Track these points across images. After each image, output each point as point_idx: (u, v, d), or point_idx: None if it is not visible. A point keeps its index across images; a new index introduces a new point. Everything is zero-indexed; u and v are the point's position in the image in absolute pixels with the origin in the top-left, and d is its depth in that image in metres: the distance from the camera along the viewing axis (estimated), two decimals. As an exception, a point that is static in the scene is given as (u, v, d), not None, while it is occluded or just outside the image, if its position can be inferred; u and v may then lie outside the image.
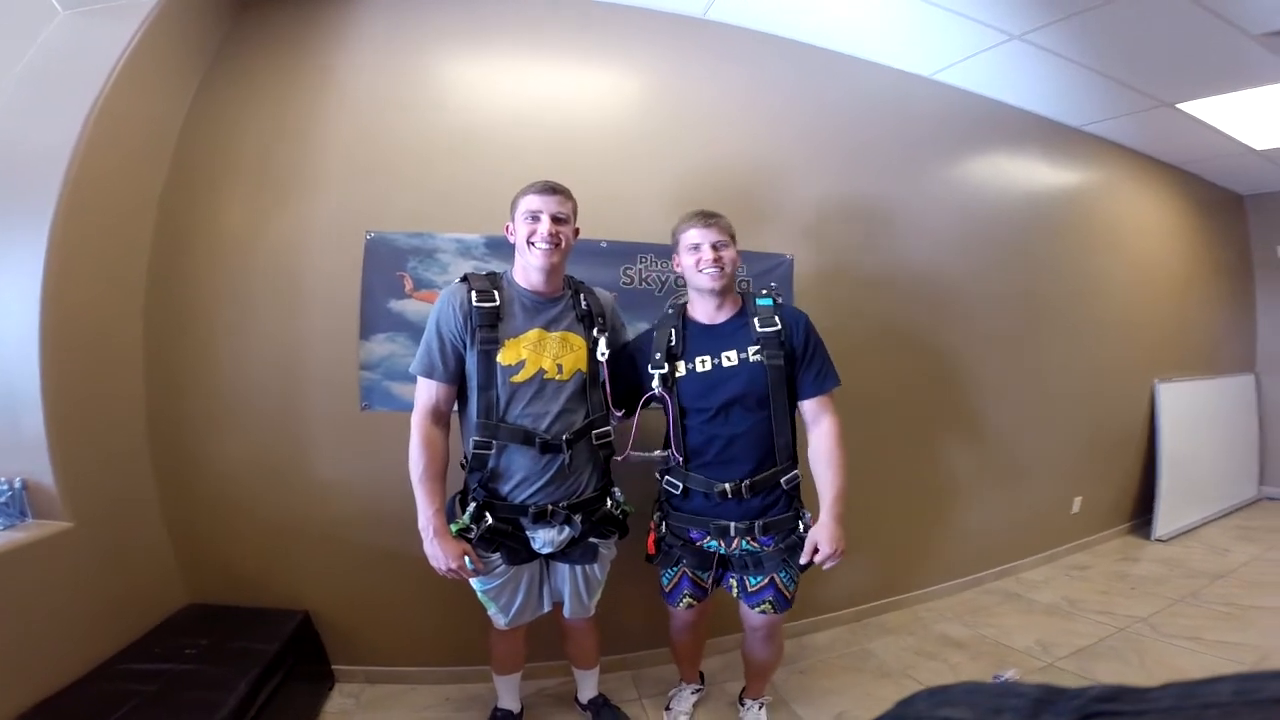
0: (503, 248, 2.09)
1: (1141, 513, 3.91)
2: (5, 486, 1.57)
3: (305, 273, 2.02)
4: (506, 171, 2.10)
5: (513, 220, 1.59)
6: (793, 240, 2.49)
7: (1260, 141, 3.51)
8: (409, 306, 2.03)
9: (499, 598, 1.64)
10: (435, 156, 2.10)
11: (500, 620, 1.68)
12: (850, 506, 1.62)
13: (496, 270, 1.65)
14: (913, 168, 2.83)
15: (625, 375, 1.67)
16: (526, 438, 1.52)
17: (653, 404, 1.65)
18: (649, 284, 2.26)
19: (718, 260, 1.58)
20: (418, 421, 1.53)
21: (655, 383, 1.61)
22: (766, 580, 1.65)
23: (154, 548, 1.93)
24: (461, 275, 1.59)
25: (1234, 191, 4.55)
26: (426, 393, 1.54)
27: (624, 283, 2.22)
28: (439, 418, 1.55)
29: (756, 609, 1.68)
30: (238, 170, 2.02)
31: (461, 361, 1.53)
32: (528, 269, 1.57)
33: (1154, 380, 3.83)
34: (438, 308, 1.54)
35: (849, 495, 1.59)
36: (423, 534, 1.50)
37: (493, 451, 1.53)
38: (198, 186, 2.00)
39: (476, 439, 1.51)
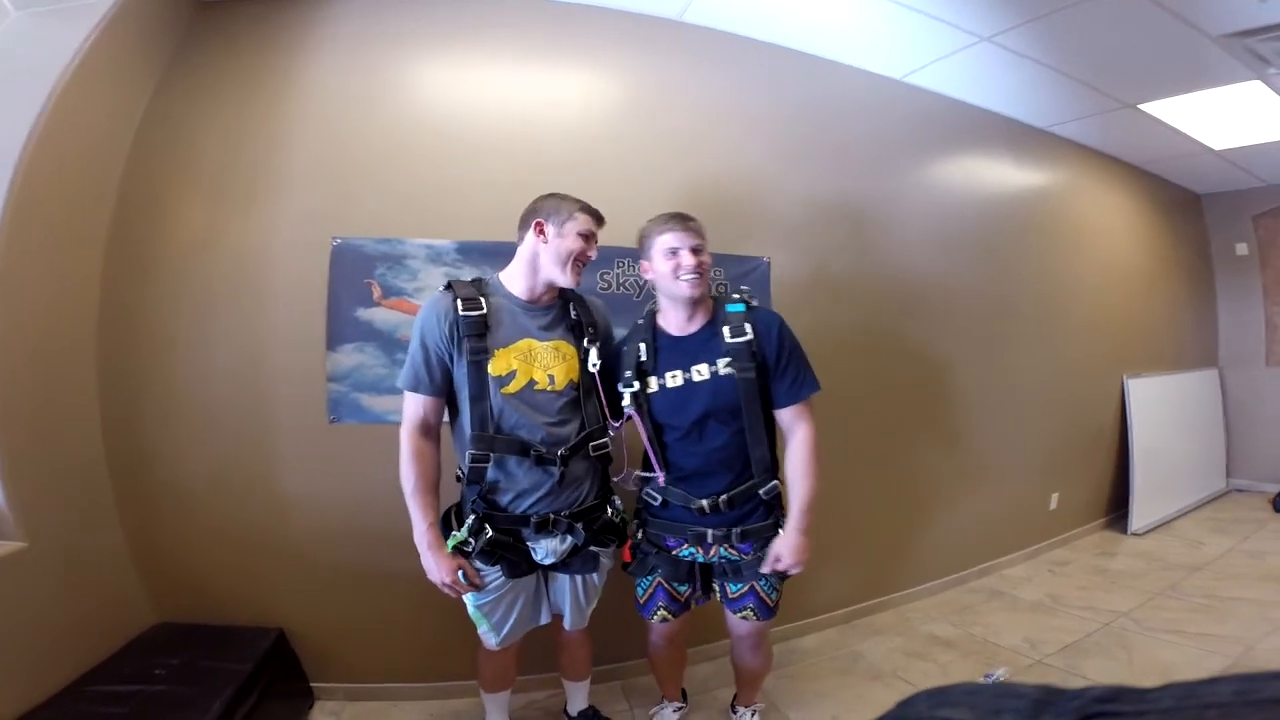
0: (474, 253, 2.03)
1: (1117, 507, 3.98)
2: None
3: (268, 281, 1.94)
4: (478, 175, 2.07)
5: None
6: (769, 243, 2.48)
7: (1218, 142, 3.62)
8: (377, 315, 1.95)
9: (492, 614, 1.57)
10: (404, 160, 2.04)
11: (491, 640, 1.61)
12: (832, 508, 1.61)
13: (481, 276, 1.60)
14: (886, 170, 2.85)
15: (608, 389, 1.62)
16: (523, 449, 1.49)
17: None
18: (626, 289, 2.22)
19: (699, 265, 1.52)
20: (407, 435, 1.49)
21: (626, 400, 1.57)
22: (746, 588, 1.61)
23: (116, 566, 1.85)
24: (445, 283, 1.52)
25: (1192, 191, 4.69)
26: (415, 406, 1.49)
27: (601, 288, 2.17)
28: (428, 431, 1.51)
29: (738, 614, 1.64)
30: (197, 173, 1.94)
31: (449, 374, 1.49)
32: (538, 280, 1.55)
33: (1123, 375, 3.90)
34: (421, 318, 1.49)
35: (825, 500, 1.57)
36: (418, 547, 1.46)
37: (490, 464, 1.49)
38: (155, 190, 1.92)
39: (473, 452, 1.47)
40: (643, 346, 1.58)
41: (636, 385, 1.56)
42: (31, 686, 1.52)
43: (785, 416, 1.58)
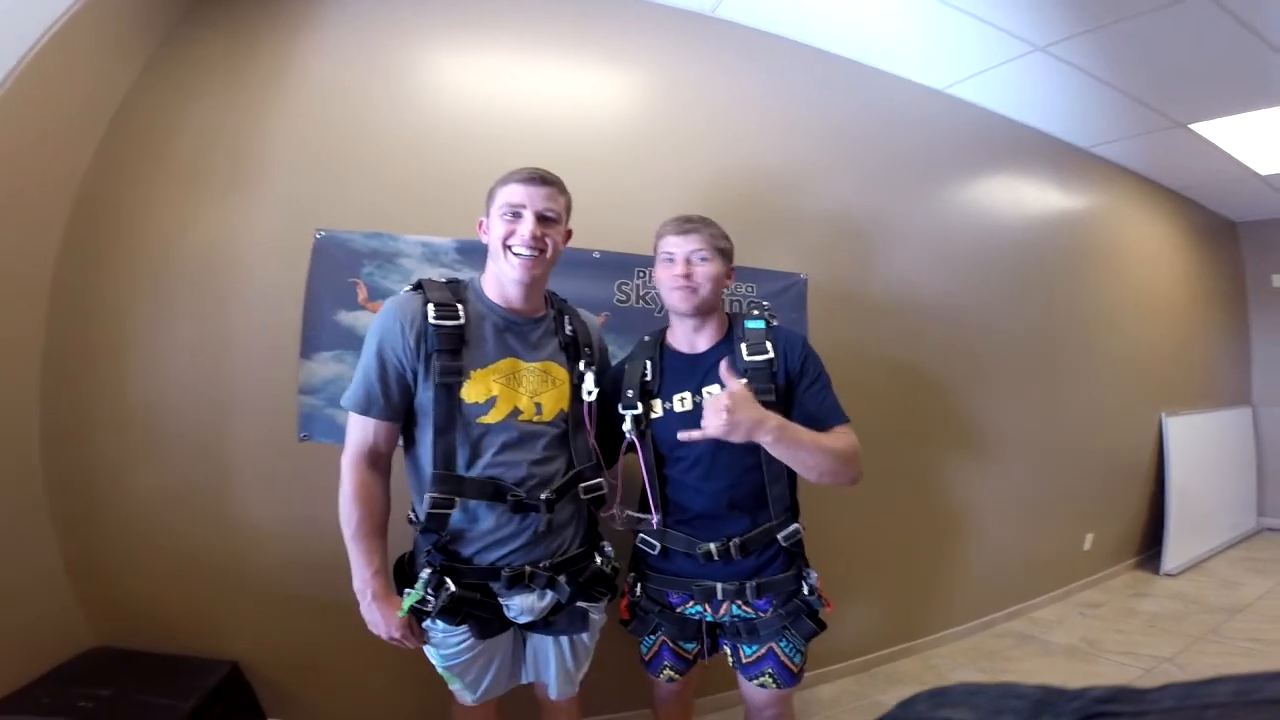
0: (478, 254, 1.82)
1: (1148, 547, 3.80)
2: None
3: (240, 277, 1.72)
4: (486, 168, 1.82)
5: (487, 215, 1.29)
6: (807, 259, 2.30)
7: (1265, 166, 3.45)
8: (361, 319, 1.73)
9: (465, 674, 1.32)
10: (403, 149, 1.84)
11: (466, 698, 1.36)
12: (852, 545, 1.41)
13: (460, 278, 1.35)
14: (928, 187, 2.71)
15: (606, 415, 1.40)
16: (497, 493, 1.22)
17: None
18: (648, 302, 2.01)
19: (688, 275, 1.32)
20: (350, 466, 1.22)
21: (627, 425, 1.35)
22: (764, 649, 1.37)
23: (47, 581, 1.62)
24: (414, 282, 1.27)
25: (1227, 218, 4.52)
26: (362, 432, 1.22)
27: (619, 300, 1.97)
28: (377, 461, 1.25)
29: (754, 682, 1.40)
30: (174, 158, 1.73)
31: (409, 395, 1.22)
32: (502, 280, 1.27)
33: (1161, 413, 3.72)
34: (380, 324, 1.21)
35: (844, 536, 1.42)
36: (359, 598, 1.22)
37: (454, 511, 1.22)
38: (125, 176, 1.71)
39: (434, 495, 1.19)
40: (648, 365, 1.39)
41: (639, 408, 1.35)
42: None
43: None
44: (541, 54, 2.03)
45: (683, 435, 1.20)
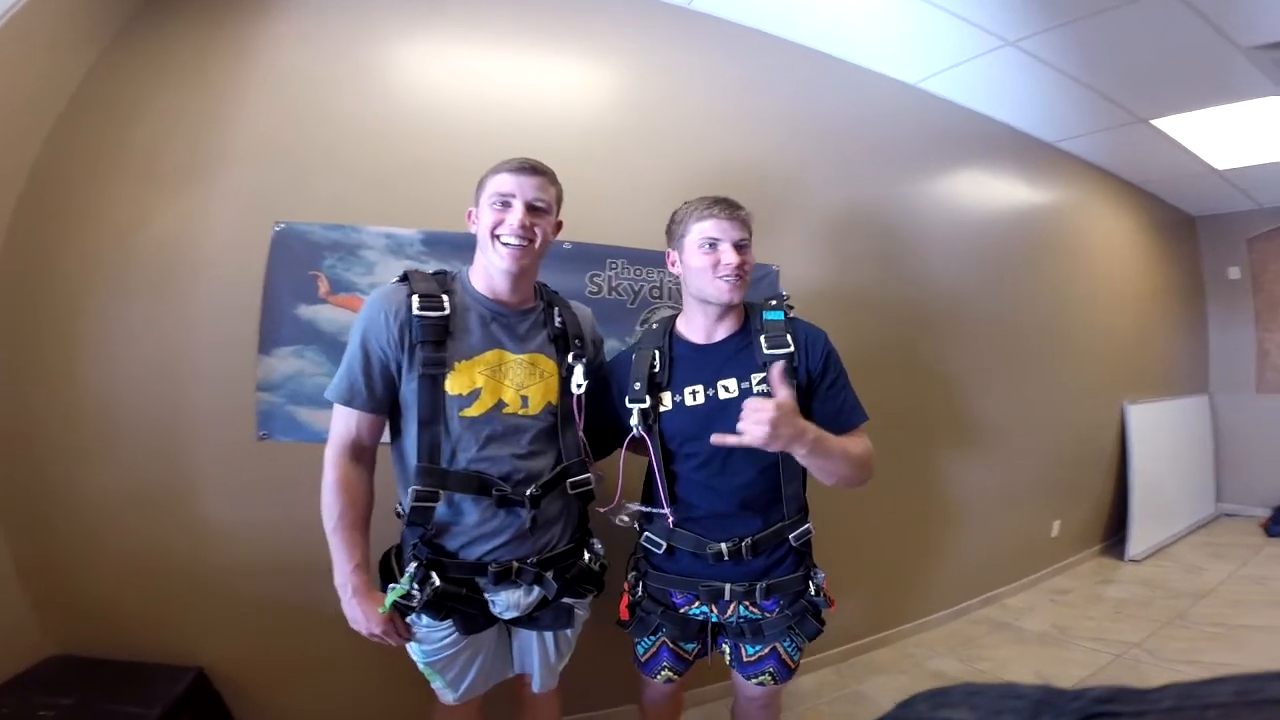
0: (444, 245, 1.76)
1: (1112, 533, 3.90)
2: None
3: (196, 272, 1.64)
4: (452, 159, 1.81)
5: (476, 205, 1.27)
6: (777, 250, 2.27)
7: (1222, 161, 3.55)
8: (322, 313, 1.66)
9: (447, 670, 1.30)
10: (368, 140, 1.77)
11: (448, 696, 1.33)
12: (828, 537, 1.40)
13: (449, 269, 1.33)
14: (898, 181, 2.72)
15: (599, 409, 1.36)
16: (482, 487, 1.20)
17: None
18: (620, 293, 1.97)
19: (742, 265, 1.25)
20: (333, 458, 1.21)
21: (634, 419, 1.29)
22: (768, 649, 1.35)
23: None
24: (401, 274, 1.25)
25: (1187, 213, 4.65)
26: (346, 424, 1.21)
27: (591, 291, 1.93)
28: (360, 454, 1.23)
29: (754, 680, 1.38)
30: (129, 151, 1.64)
31: (393, 387, 1.21)
32: (490, 271, 1.25)
33: (1123, 401, 3.81)
34: (365, 315, 1.20)
35: (820, 528, 1.35)
36: (340, 593, 1.20)
37: (438, 504, 1.21)
38: (76, 169, 1.61)
39: (418, 489, 1.18)
40: (657, 355, 1.32)
41: (647, 401, 1.29)
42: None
43: None
44: (512, 44, 1.97)
45: (715, 439, 1.13)
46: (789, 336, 1.28)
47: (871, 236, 2.58)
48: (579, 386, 1.29)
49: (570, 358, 1.30)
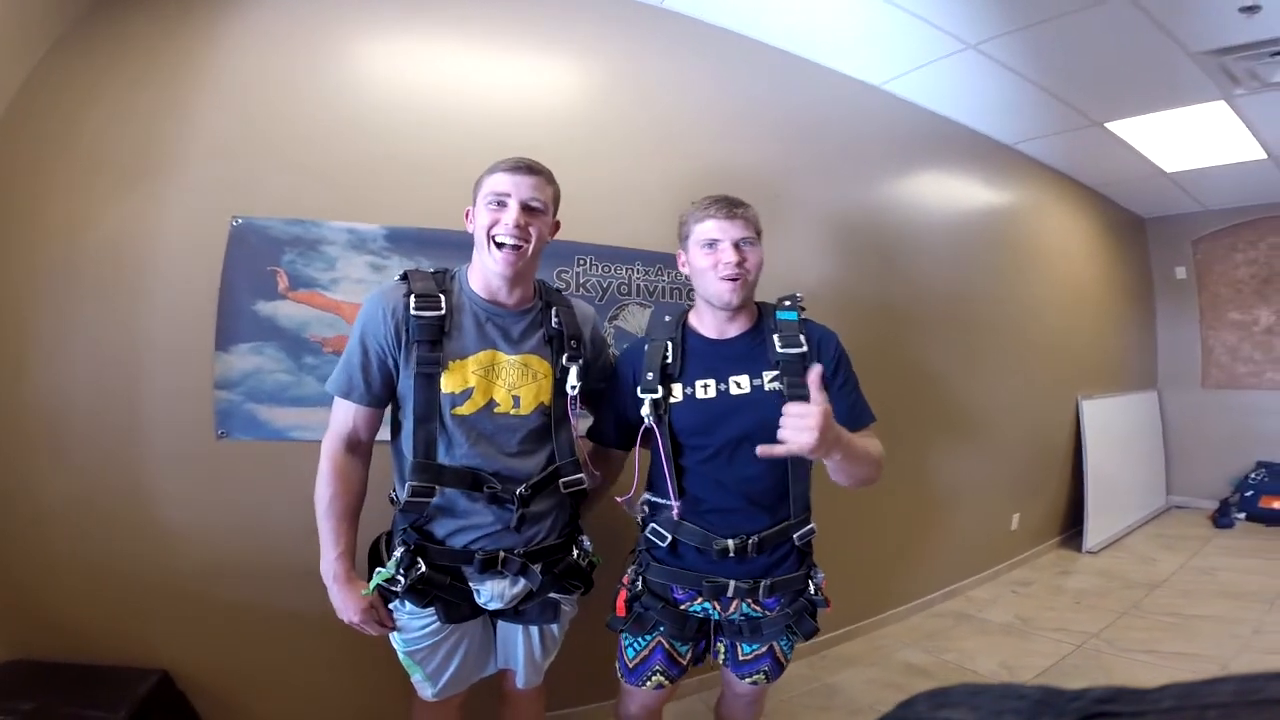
0: (408, 241, 1.73)
1: (1070, 525, 4.02)
2: None
3: (147, 267, 1.58)
4: (415, 154, 1.79)
5: (474, 204, 1.27)
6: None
7: (1171, 164, 3.70)
8: (282, 309, 1.61)
9: (427, 661, 1.29)
10: (328, 133, 1.72)
11: (426, 690, 1.32)
12: None
13: (449, 268, 1.32)
14: (862, 180, 2.78)
15: (620, 401, 1.36)
16: (474, 483, 1.23)
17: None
18: (588, 290, 1.97)
19: (741, 264, 1.25)
20: (328, 448, 1.24)
21: (645, 409, 1.29)
22: (764, 648, 1.35)
23: None
24: (401, 272, 1.27)
25: (1137, 214, 4.85)
26: (343, 416, 1.25)
27: (558, 288, 1.90)
28: (356, 446, 1.26)
29: (748, 679, 1.38)
30: (77, 150, 1.58)
31: (391, 383, 1.24)
32: (486, 273, 1.26)
33: (1078, 396, 3.95)
34: (365, 313, 1.23)
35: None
36: (324, 579, 1.23)
37: (434, 499, 1.23)
38: (20, 169, 1.54)
39: (414, 484, 1.21)
40: (669, 346, 1.32)
41: (659, 391, 1.28)
42: None
43: None
44: (475, 40, 1.95)
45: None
46: (802, 337, 1.30)
47: (837, 235, 2.63)
48: (573, 388, 1.29)
49: (565, 359, 1.30)
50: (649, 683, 1.37)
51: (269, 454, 1.62)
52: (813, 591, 1.34)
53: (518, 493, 1.23)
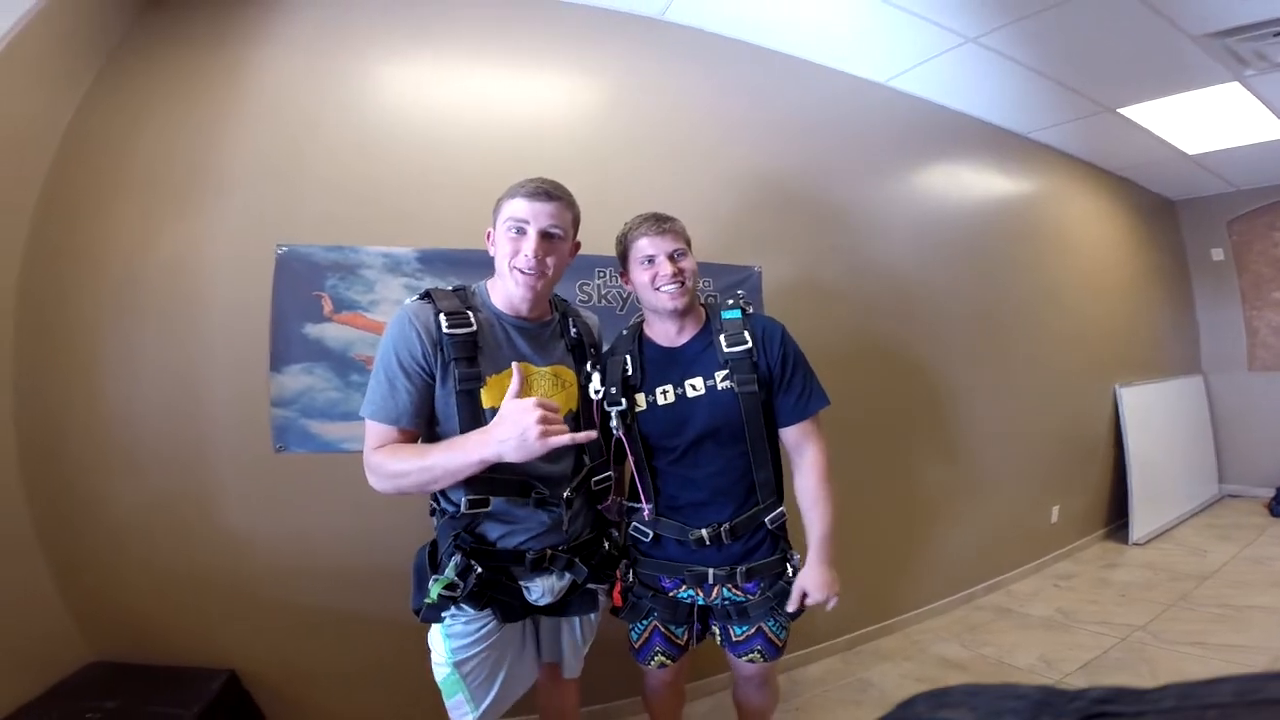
0: (440, 262, 1.86)
1: (1116, 517, 3.92)
2: None
3: (205, 293, 1.74)
4: (443, 177, 1.92)
5: (494, 227, 1.29)
6: (759, 251, 2.37)
7: (1192, 146, 3.64)
8: (329, 331, 1.75)
9: (474, 675, 1.27)
10: (360, 160, 1.87)
11: (468, 713, 1.29)
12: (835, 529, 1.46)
13: (467, 285, 1.33)
14: (873, 177, 2.81)
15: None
16: (523, 490, 1.26)
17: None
18: (609, 300, 2.07)
19: (678, 274, 1.34)
20: (370, 452, 1.19)
21: (613, 421, 1.37)
22: (753, 629, 1.43)
23: (41, 601, 1.63)
24: (423, 291, 1.27)
25: (1167, 197, 4.73)
26: (380, 438, 1.20)
27: (581, 300, 2.02)
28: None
29: (744, 658, 1.45)
30: (129, 176, 1.75)
31: (429, 401, 1.23)
32: (509, 294, 1.28)
33: (1115, 385, 3.86)
34: (395, 334, 1.21)
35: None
36: (488, 440, 1.11)
37: (488, 509, 1.26)
38: (81, 194, 1.71)
39: (470, 496, 1.23)
40: (629, 359, 1.40)
41: (624, 403, 1.37)
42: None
43: (791, 435, 1.41)
44: (496, 63, 2.08)
45: (791, 607, 1.38)
46: (746, 333, 1.37)
47: (851, 234, 2.66)
48: (596, 393, 1.35)
49: (588, 366, 1.37)
50: (652, 662, 1.49)
51: (323, 465, 1.75)
52: (790, 574, 1.41)
53: (564, 496, 1.29)
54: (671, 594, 1.44)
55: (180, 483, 1.72)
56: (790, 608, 1.37)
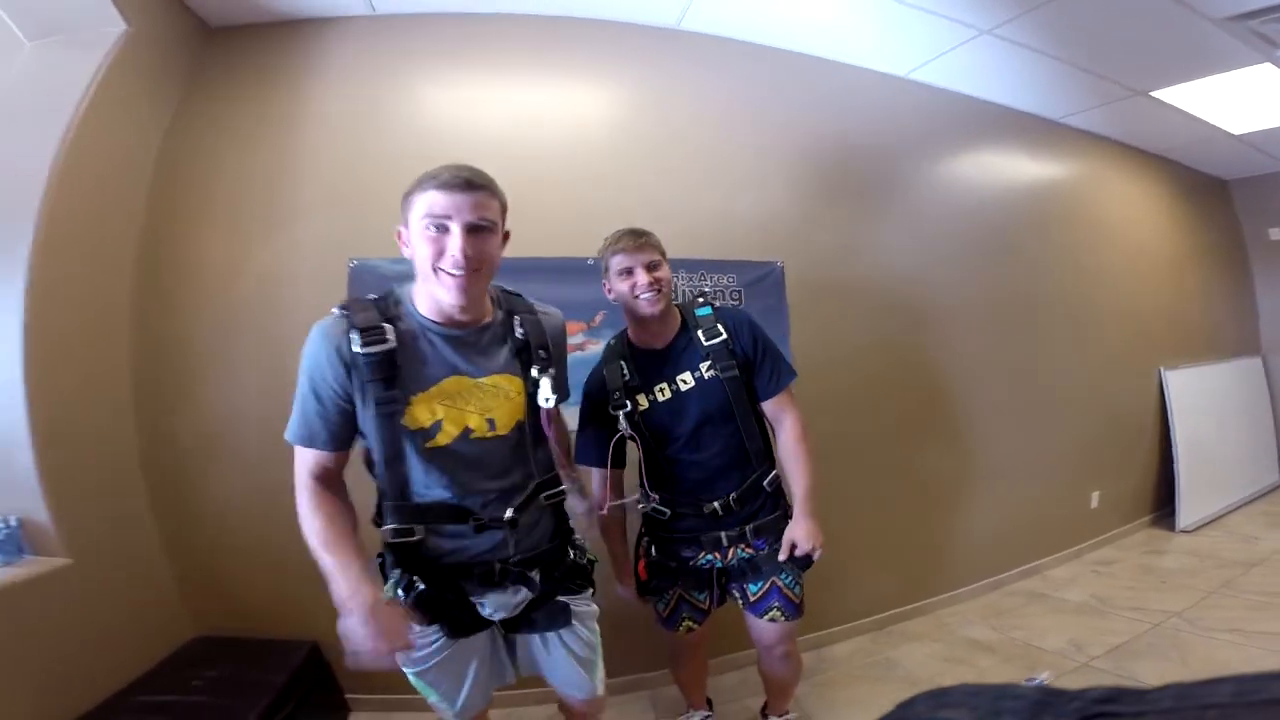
0: (501, 267, 2.07)
1: (1163, 504, 3.82)
2: (1, 524, 1.57)
3: (290, 302, 2.01)
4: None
5: (405, 225, 1.13)
6: (782, 247, 2.48)
7: (1237, 126, 3.53)
8: (396, 336, 2.00)
9: (439, 683, 1.23)
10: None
11: (446, 713, 1.27)
12: (860, 511, 1.55)
13: (391, 291, 1.19)
14: (898, 168, 2.85)
15: (592, 427, 1.61)
16: (460, 515, 1.15)
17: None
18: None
19: (654, 283, 1.48)
20: (304, 485, 1.13)
21: (622, 423, 1.54)
22: (768, 585, 1.58)
23: (156, 582, 1.91)
24: (340, 303, 1.14)
25: (1217, 176, 4.56)
26: (308, 460, 1.14)
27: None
28: (330, 481, 1.16)
29: (765, 617, 1.60)
30: (215, 200, 2.05)
31: (351, 423, 1.13)
32: (437, 299, 1.12)
33: (1159, 368, 3.77)
34: (309, 355, 1.10)
35: (854, 503, 1.61)
36: (346, 611, 1.01)
37: (417, 537, 1.15)
38: (176, 218, 2.02)
39: (394, 526, 1.14)
40: (623, 365, 1.57)
41: (629, 405, 1.53)
42: (78, 697, 1.59)
43: (770, 408, 1.58)
44: (523, 81, 2.29)
45: (781, 557, 1.51)
46: (719, 325, 1.55)
47: (876, 225, 2.73)
48: (547, 400, 1.19)
49: (535, 371, 1.20)
50: (681, 629, 1.67)
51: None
52: None
53: (506, 517, 1.16)
54: (692, 563, 1.61)
55: (273, 470, 1.92)
56: (780, 558, 1.51)
